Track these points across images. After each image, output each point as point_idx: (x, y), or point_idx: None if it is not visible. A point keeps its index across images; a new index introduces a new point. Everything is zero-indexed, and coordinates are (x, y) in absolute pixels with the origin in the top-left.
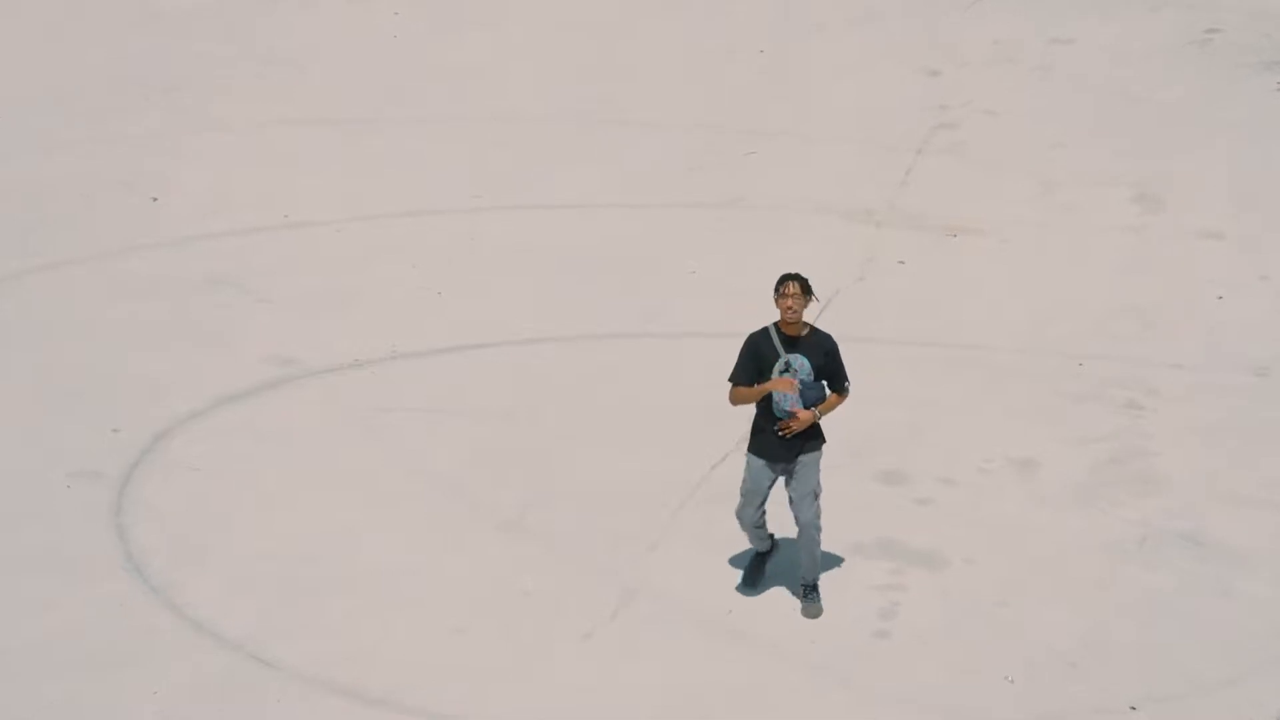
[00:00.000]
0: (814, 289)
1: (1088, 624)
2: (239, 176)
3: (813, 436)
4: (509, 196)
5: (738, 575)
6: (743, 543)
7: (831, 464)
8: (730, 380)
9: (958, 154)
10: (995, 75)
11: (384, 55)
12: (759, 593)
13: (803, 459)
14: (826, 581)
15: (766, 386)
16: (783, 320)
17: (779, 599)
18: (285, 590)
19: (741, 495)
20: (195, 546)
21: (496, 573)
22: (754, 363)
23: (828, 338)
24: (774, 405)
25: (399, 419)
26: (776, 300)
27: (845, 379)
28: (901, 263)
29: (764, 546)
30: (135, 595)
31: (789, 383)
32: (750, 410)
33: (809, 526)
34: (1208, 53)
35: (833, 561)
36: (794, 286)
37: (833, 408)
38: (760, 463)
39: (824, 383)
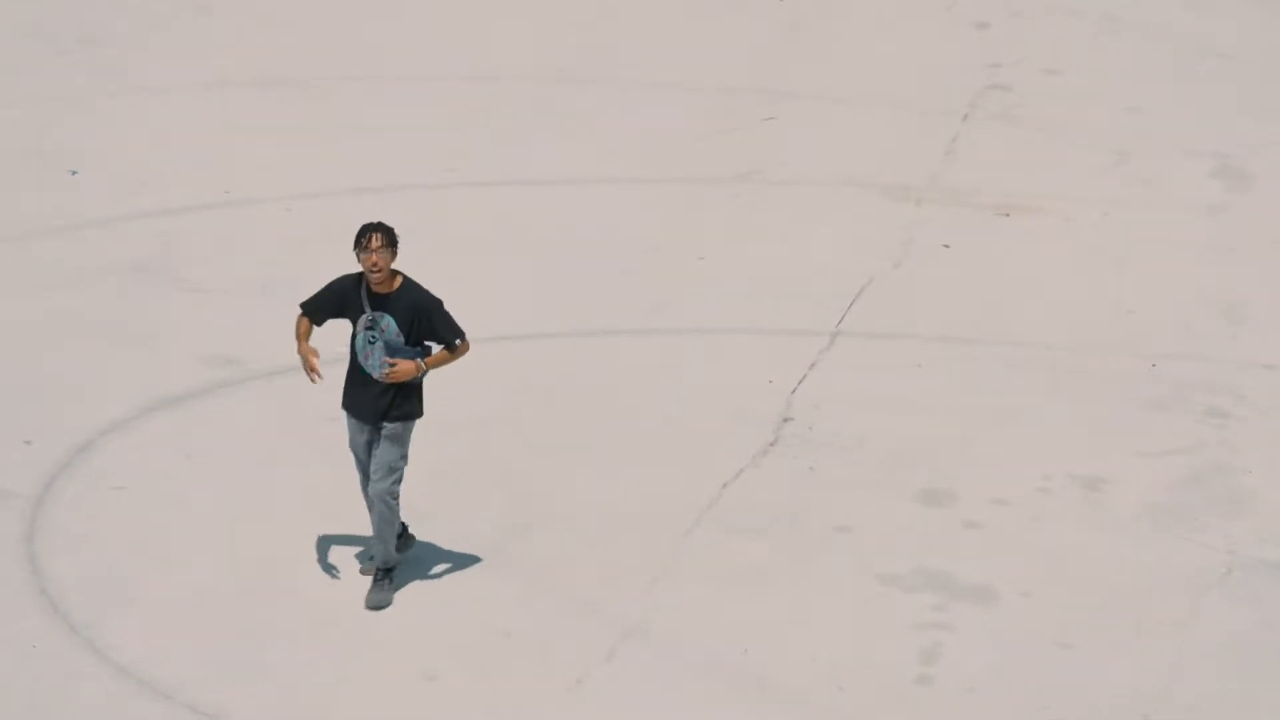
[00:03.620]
0: (398, 239)
1: (1164, 669)
2: (171, 146)
3: (405, 400)
4: (487, 170)
5: (754, 613)
6: (765, 570)
7: (865, 481)
8: (301, 305)
9: (1011, 120)
10: (1055, 27)
11: (341, 5)
12: (385, 605)
13: (387, 425)
14: (858, 617)
15: (299, 350)
16: (367, 276)
17: (801, 639)
18: (226, 631)
19: (353, 459)
20: (121, 579)
21: (473, 610)
22: (334, 300)
23: (425, 294)
24: (362, 358)
25: None
26: (358, 255)
27: (456, 334)
28: (946, 246)
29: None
30: (51, 636)
31: (313, 366)
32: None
33: (379, 499)
34: None
35: (867, 595)
36: (377, 239)
37: (445, 362)
38: (352, 421)
39: (426, 345)
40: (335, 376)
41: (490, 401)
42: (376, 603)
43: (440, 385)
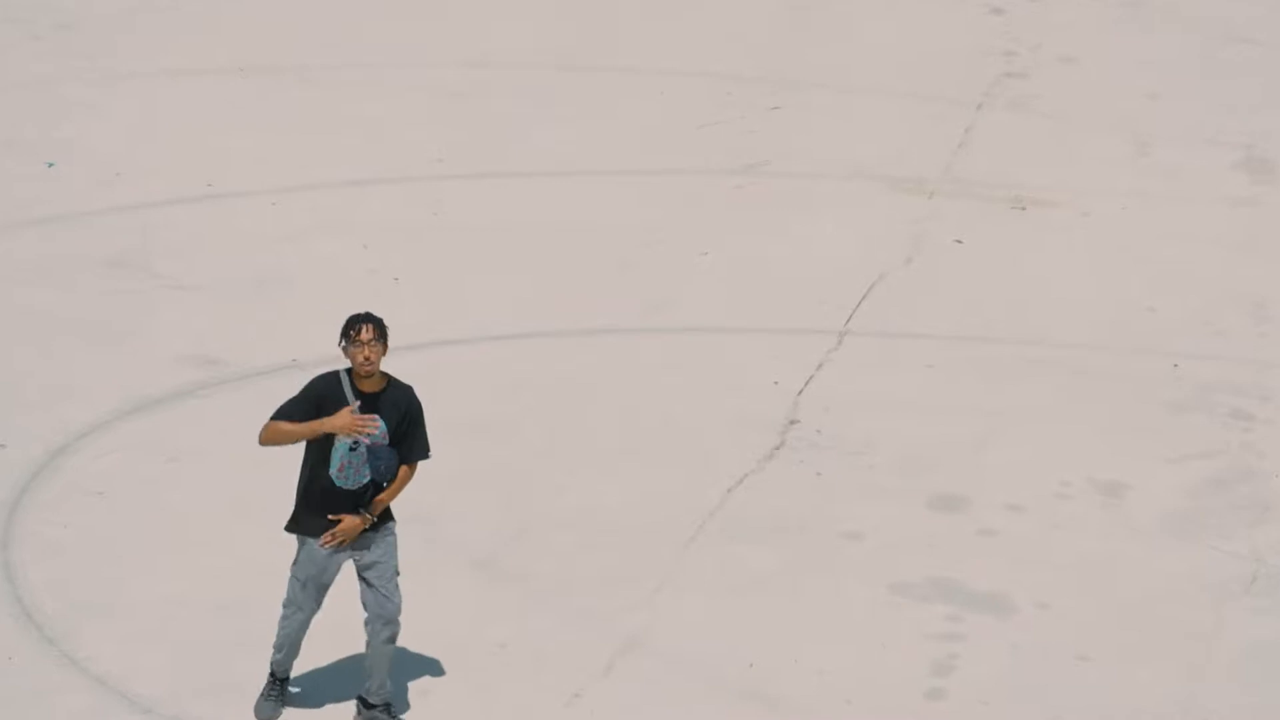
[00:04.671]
0: (389, 333)
1: (1186, 683)
2: (151, 136)
3: (383, 518)
4: (479, 161)
5: (759, 624)
6: (771, 580)
7: (878, 486)
8: (273, 416)
9: (1027, 109)
10: (1072, 12)
11: None
12: None
13: (375, 548)
14: (869, 627)
15: (329, 423)
16: (356, 372)
17: (808, 652)
18: (207, 642)
19: (297, 582)
20: (97, 588)
21: (467, 621)
22: (313, 405)
23: (408, 393)
24: (336, 471)
25: None
26: (345, 348)
27: (425, 448)
28: (959, 241)
29: (286, 668)
30: (25, 646)
31: (369, 421)
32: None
33: (391, 622)
34: None
35: (877, 605)
36: (368, 330)
37: (397, 492)
38: (319, 550)
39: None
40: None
41: (483, 403)
42: None
43: (436, 386)
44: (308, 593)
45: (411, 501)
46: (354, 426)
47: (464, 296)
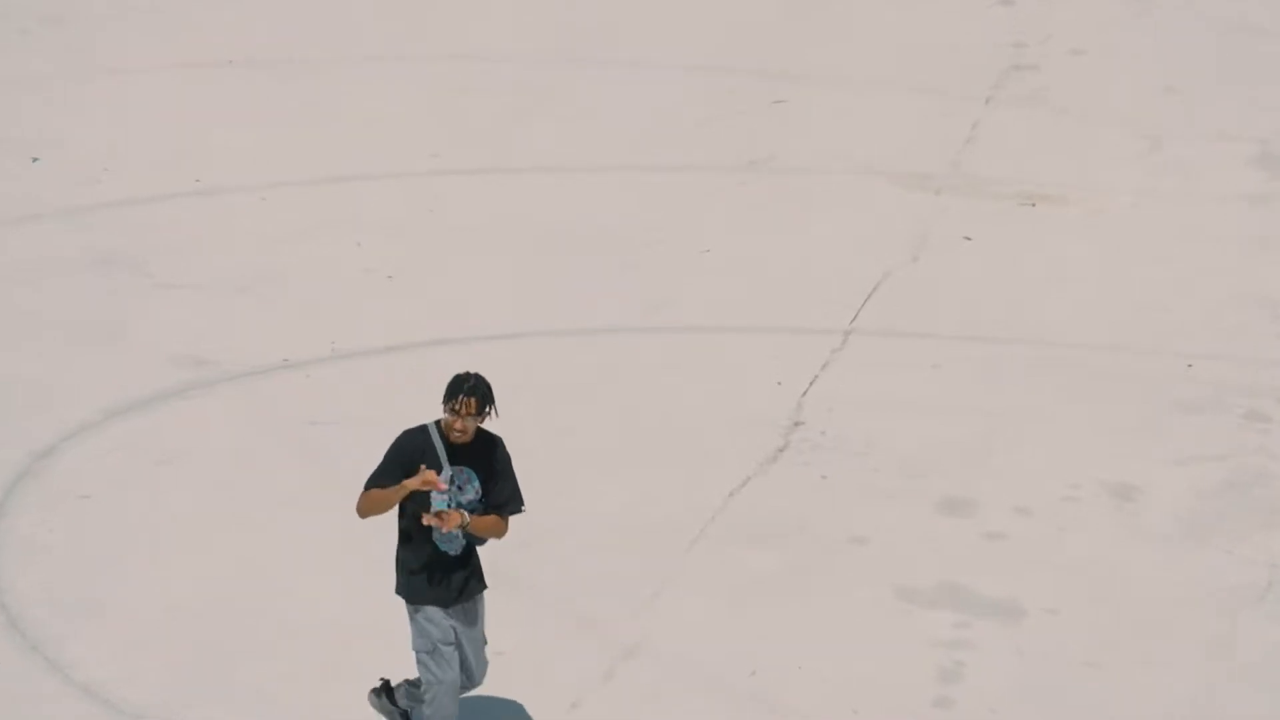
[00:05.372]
0: (495, 399)
1: (1198, 691)
2: (139, 131)
3: (476, 569)
4: (475, 156)
5: (762, 630)
6: (775, 584)
7: (883, 489)
8: (367, 484)
9: (1037, 103)
10: (1084, 3)
11: None
12: None
13: (479, 597)
14: (875, 633)
15: (416, 482)
16: (447, 434)
17: (812, 658)
18: (197, 648)
19: (429, 660)
20: (85, 593)
21: None
22: (405, 464)
23: (497, 444)
24: (435, 533)
25: (339, 434)
26: (446, 411)
27: (519, 502)
28: (967, 239)
29: None
30: (9, 653)
31: (456, 517)
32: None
33: (481, 681)
34: None
35: (883, 611)
36: (469, 406)
37: (489, 531)
38: (438, 611)
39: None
40: (324, 378)
41: None
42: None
43: (431, 387)
44: (446, 657)
45: None
46: (424, 482)
47: (460, 295)
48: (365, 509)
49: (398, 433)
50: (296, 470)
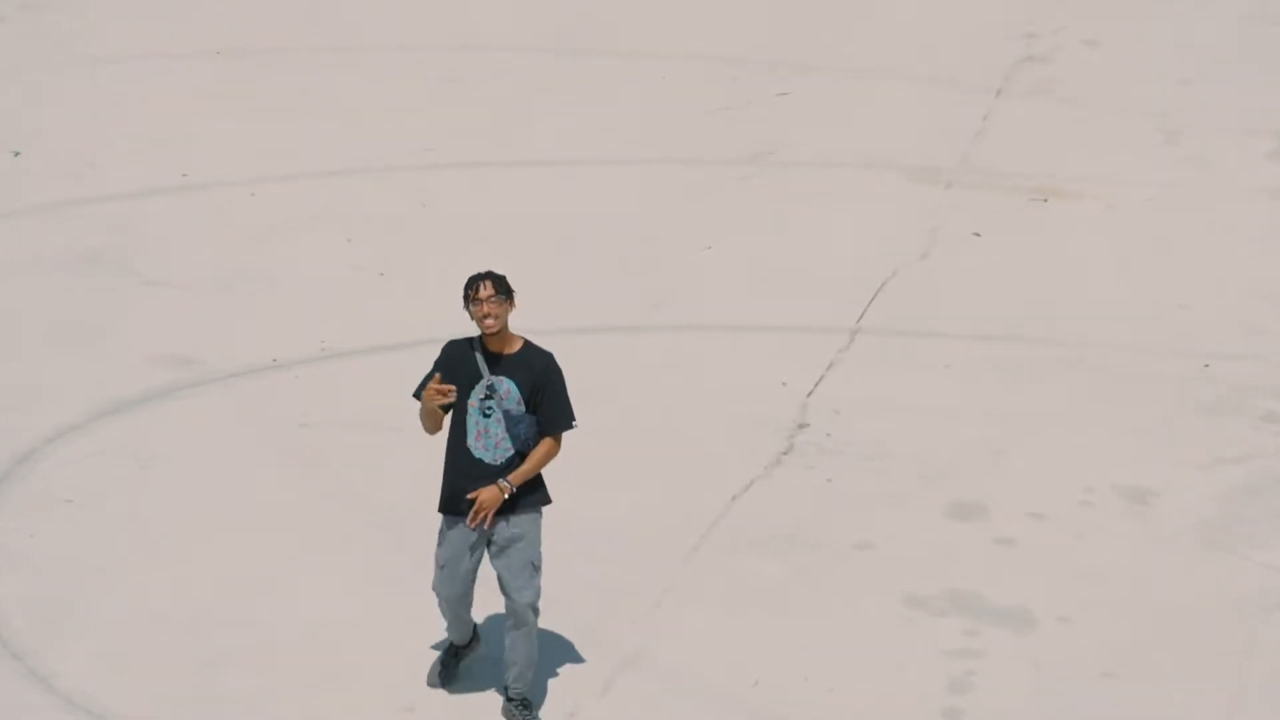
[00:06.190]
0: (514, 289)
1: (1218, 702)
2: (123, 123)
3: (530, 490)
4: (470, 150)
5: (766, 639)
6: (778, 592)
7: (891, 493)
8: (415, 395)
9: (1049, 95)
10: None
11: None
12: (452, 688)
13: (514, 519)
14: (883, 642)
15: (430, 393)
16: (484, 334)
17: (818, 669)
18: (182, 659)
19: (437, 565)
20: (67, 602)
21: None
22: (448, 367)
23: (545, 358)
24: (473, 440)
25: (329, 436)
26: (469, 311)
27: (568, 418)
28: (977, 235)
29: (462, 638)
30: None
31: (445, 389)
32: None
33: (525, 611)
34: None
35: (891, 620)
36: (487, 287)
37: (535, 469)
38: (457, 522)
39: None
40: (313, 378)
41: None
42: None
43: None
44: (445, 577)
45: (398, 508)
46: (431, 393)
47: (454, 293)
48: (424, 427)
49: (389, 434)
50: (285, 473)
